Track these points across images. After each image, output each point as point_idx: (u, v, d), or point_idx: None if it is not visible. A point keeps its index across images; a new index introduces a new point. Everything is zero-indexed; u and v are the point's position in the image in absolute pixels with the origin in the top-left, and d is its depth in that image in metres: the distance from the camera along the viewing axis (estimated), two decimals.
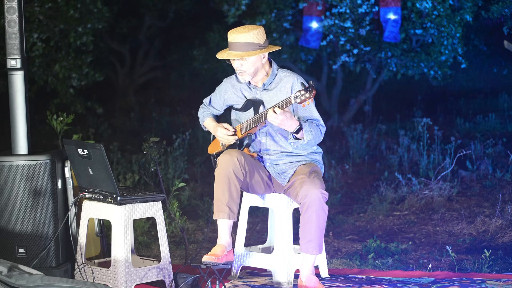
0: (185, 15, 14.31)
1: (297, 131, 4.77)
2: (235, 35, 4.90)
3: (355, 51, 10.73)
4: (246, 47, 4.88)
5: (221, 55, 4.98)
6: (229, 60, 4.99)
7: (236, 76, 5.10)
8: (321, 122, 4.94)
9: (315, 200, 4.77)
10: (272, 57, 11.04)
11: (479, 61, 14.42)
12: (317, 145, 5.09)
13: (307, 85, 4.67)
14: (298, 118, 4.89)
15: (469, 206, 7.21)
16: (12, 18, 5.03)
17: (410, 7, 10.59)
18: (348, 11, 10.43)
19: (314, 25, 10.75)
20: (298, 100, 4.65)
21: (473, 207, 7.17)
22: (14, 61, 5.06)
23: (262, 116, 4.88)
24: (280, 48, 5.08)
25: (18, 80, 5.08)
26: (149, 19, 14.21)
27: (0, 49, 9.96)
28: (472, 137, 9.67)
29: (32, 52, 10.35)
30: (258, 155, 5.06)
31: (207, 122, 5.24)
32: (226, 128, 5.06)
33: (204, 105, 5.31)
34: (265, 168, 5.05)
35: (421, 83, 13.48)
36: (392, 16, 10.35)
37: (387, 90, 13.57)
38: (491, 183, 7.88)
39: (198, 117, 5.34)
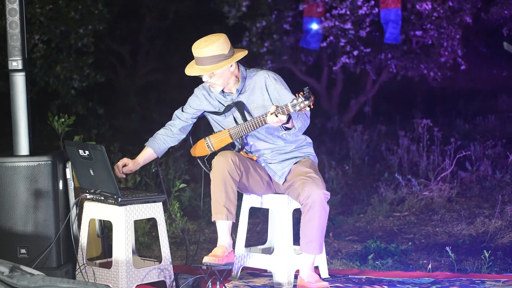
0: (186, 16, 14.32)
1: (287, 121, 4.74)
2: (198, 50, 4.84)
3: (355, 53, 10.74)
4: (211, 60, 4.82)
5: (189, 71, 4.93)
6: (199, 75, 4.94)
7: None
8: None
9: (317, 200, 4.78)
10: (273, 58, 11.11)
11: (479, 63, 14.42)
12: (307, 136, 5.08)
13: (305, 92, 4.62)
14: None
15: (469, 207, 7.21)
16: (14, 20, 5.04)
17: (410, 8, 10.60)
18: (348, 12, 10.44)
19: (314, 26, 10.77)
20: (297, 108, 4.61)
21: (472, 208, 7.18)
22: (16, 63, 5.06)
23: (258, 122, 4.86)
24: (246, 52, 4.99)
25: (19, 81, 5.08)
26: (149, 20, 14.22)
27: (1, 50, 9.96)
28: (471, 138, 9.68)
29: (33, 54, 10.35)
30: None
31: (145, 149, 5.16)
32: (123, 166, 5.04)
33: (166, 127, 5.20)
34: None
35: (421, 84, 13.49)
36: (392, 18, 10.37)
37: (387, 91, 13.58)
38: (491, 184, 7.89)
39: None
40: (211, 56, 4.82)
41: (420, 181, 7.72)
